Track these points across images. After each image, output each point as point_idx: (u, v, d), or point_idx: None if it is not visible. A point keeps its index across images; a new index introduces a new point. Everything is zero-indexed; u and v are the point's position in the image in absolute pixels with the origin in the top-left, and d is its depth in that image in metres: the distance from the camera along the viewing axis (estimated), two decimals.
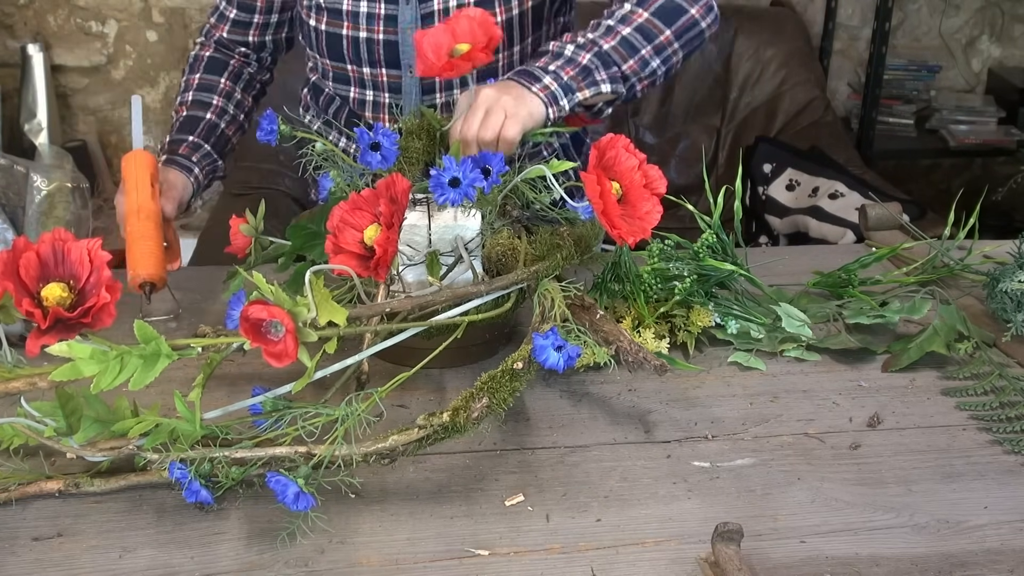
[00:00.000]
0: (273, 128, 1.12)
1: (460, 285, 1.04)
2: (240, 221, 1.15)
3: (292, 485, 0.83)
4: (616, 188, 0.99)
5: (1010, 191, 2.62)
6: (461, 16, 1.11)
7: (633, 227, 0.98)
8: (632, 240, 0.97)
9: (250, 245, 1.15)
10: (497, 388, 0.93)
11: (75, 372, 0.82)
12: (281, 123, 1.13)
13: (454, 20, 1.11)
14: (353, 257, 0.94)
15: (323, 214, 1.10)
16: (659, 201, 1.00)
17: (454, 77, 1.11)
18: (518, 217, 1.14)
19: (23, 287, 0.83)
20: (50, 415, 0.90)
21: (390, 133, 1.05)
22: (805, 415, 1.06)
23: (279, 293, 0.84)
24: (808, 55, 3.15)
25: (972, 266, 1.33)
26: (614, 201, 0.97)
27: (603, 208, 0.95)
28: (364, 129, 1.06)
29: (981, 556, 0.86)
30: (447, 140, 1.17)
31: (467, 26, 1.11)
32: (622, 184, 0.99)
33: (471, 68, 1.10)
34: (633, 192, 0.99)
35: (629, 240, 0.97)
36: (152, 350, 0.84)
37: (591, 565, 0.84)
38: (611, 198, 0.96)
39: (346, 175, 1.13)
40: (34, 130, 2.89)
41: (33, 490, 0.91)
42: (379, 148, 1.05)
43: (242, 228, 1.14)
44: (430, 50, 1.10)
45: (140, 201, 1.22)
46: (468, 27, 1.11)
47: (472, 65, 1.10)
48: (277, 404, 0.92)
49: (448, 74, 1.10)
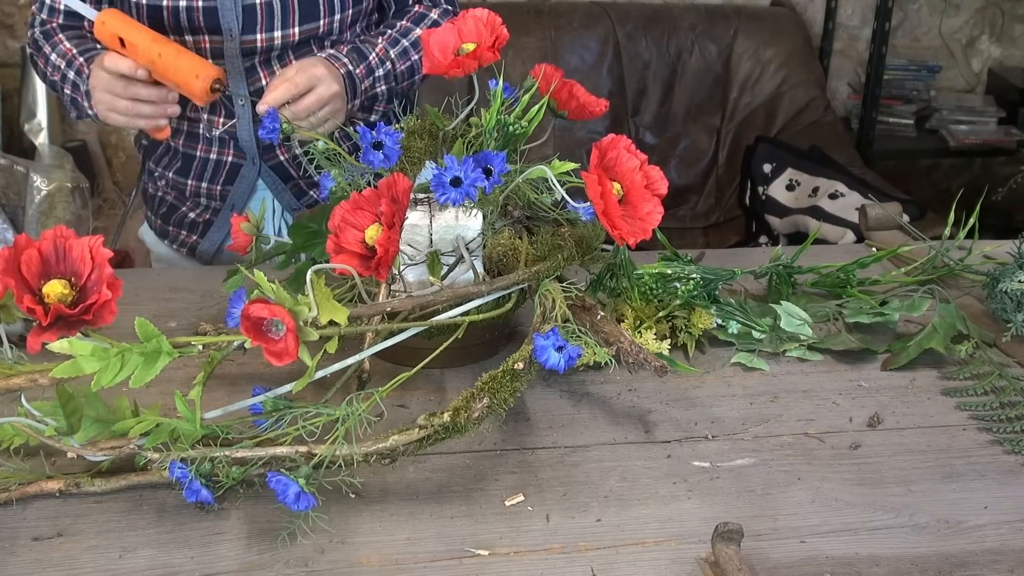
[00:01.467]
0: (276, 126, 1.12)
1: (461, 285, 1.04)
2: (241, 220, 1.15)
3: (293, 485, 0.83)
4: (617, 189, 0.99)
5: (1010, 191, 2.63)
6: (468, 16, 1.12)
7: (634, 227, 0.98)
8: (633, 240, 0.97)
9: (251, 244, 1.15)
10: (498, 388, 0.93)
11: (76, 369, 0.82)
12: (284, 122, 1.13)
13: (460, 20, 1.12)
14: (354, 256, 0.94)
15: (324, 213, 1.10)
16: (660, 202, 1.00)
17: (461, 75, 1.12)
18: (519, 217, 1.14)
19: (24, 284, 0.83)
20: (51, 414, 0.90)
21: (393, 132, 1.05)
22: (805, 415, 1.06)
23: (280, 292, 0.84)
24: (808, 55, 3.15)
25: (972, 266, 1.33)
26: (615, 201, 0.97)
27: (604, 208, 0.95)
28: (366, 128, 1.06)
29: (981, 556, 0.86)
30: (448, 140, 1.17)
31: (473, 25, 1.12)
32: (623, 185, 0.99)
33: (478, 67, 1.11)
34: (634, 193, 0.99)
35: (630, 240, 0.97)
36: (153, 348, 0.84)
37: (591, 565, 0.84)
38: (612, 199, 0.97)
39: (348, 174, 1.13)
40: (34, 130, 2.89)
41: (33, 490, 0.90)
42: (381, 147, 1.05)
43: (243, 227, 1.14)
44: (436, 48, 1.11)
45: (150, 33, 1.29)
46: (474, 26, 1.12)
47: (479, 64, 1.11)
48: (278, 404, 0.93)
49: (455, 72, 1.11)
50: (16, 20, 2.97)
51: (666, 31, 3.05)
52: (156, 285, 1.33)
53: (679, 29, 3.06)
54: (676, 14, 3.08)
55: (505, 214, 1.13)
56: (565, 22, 3.03)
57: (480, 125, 1.13)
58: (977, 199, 1.35)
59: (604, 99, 1.20)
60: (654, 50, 3.05)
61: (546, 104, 1.13)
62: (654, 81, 3.06)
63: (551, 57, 2.97)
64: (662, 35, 3.05)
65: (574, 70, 2.95)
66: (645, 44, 3.04)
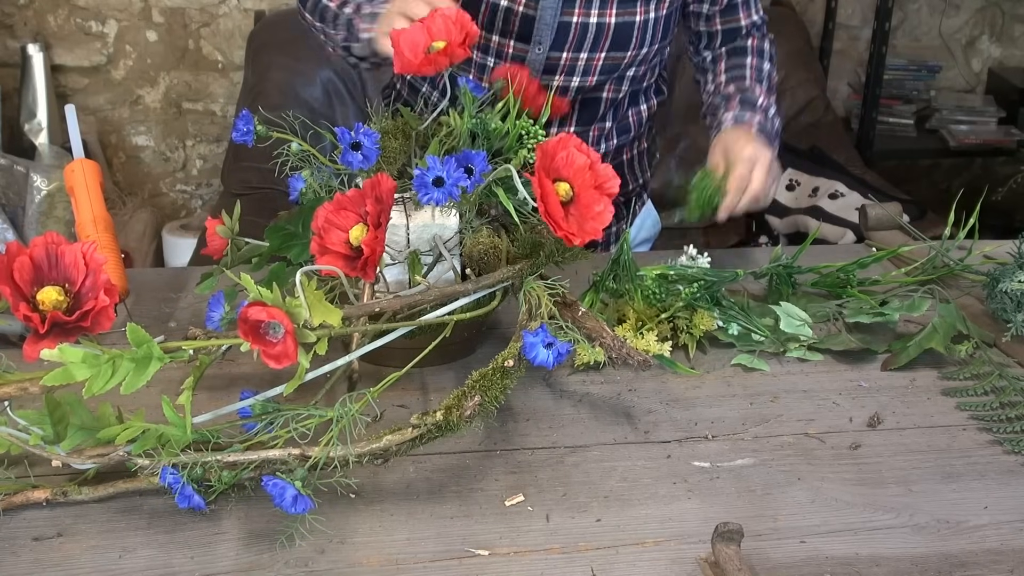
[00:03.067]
0: (249, 128, 1.10)
1: (442, 284, 1.04)
2: (216, 222, 1.13)
3: (290, 488, 0.83)
4: (566, 189, 0.98)
5: (1010, 191, 2.62)
6: (436, 14, 1.13)
7: (583, 228, 0.97)
8: (580, 241, 0.97)
9: (226, 247, 1.13)
10: (488, 386, 0.93)
11: (67, 376, 0.81)
12: (257, 123, 1.12)
13: (429, 18, 1.12)
14: (339, 257, 0.93)
15: (299, 215, 1.10)
16: (611, 201, 0.99)
17: (431, 73, 1.12)
18: (496, 216, 1.14)
19: (18, 291, 0.83)
20: (37, 423, 0.88)
21: (371, 132, 1.05)
22: (805, 415, 1.06)
23: (276, 294, 0.84)
24: (808, 55, 3.15)
25: (972, 266, 1.33)
26: (557, 202, 0.96)
27: (545, 209, 0.95)
28: (344, 129, 1.05)
29: (981, 556, 0.86)
30: (423, 139, 1.17)
31: (443, 24, 1.12)
32: (573, 184, 0.98)
33: (449, 64, 1.11)
34: (584, 193, 0.99)
35: (577, 241, 0.96)
36: (144, 353, 0.83)
37: (591, 565, 0.84)
38: (554, 199, 0.96)
39: (320, 176, 1.12)
40: (34, 130, 2.89)
41: (20, 500, 0.89)
42: (360, 148, 1.04)
43: (218, 230, 1.12)
44: (407, 47, 1.12)
45: (96, 211, 1.22)
46: (444, 24, 1.12)
47: (450, 61, 1.11)
48: (267, 407, 0.92)
49: (427, 70, 1.11)
50: (16, 20, 2.97)
51: None
52: (156, 285, 1.33)
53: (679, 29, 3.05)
54: None
55: (482, 213, 1.13)
56: None
57: (450, 124, 1.13)
58: (977, 199, 1.35)
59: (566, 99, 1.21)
60: None
61: (517, 109, 1.13)
62: None
63: None
64: None
65: None
66: None
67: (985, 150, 3.29)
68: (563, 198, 0.97)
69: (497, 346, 1.07)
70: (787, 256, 1.27)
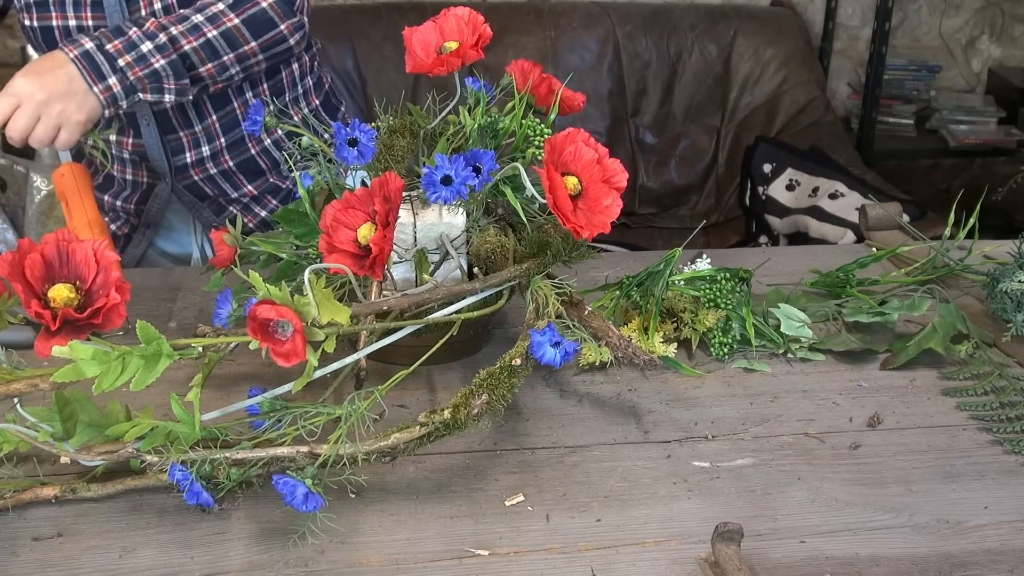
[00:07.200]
0: (258, 119, 1.11)
1: (449, 283, 1.04)
2: (223, 231, 1.13)
3: (300, 486, 0.83)
4: (575, 183, 0.98)
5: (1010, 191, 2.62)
6: (450, 14, 1.12)
7: (592, 221, 0.97)
8: (589, 234, 0.97)
9: (234, 256, 1.13)
10: (496, 384, 0.93)
11: (77, 373, 0.82)
12: (267, 115, 1.12)
13: (442, 18, 1.12)
14: (347, 256, 0.94)
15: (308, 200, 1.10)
16: (619, 195, 0.99)
17: (444, 74, 1.12)
18: (503, 215, 1.14)
19: (30, 288, 0.83)
20: (47, 420, 0.89)
21: (368, 129, 1.05)
22: (805, 415, 1.06)
23: (285, 293, 0.84)
24: (808, 55, 3.15)
25: (972, 266, 1.33)
26: (566, 195, 0.96)
27: (554, 202, 0.95)
28: (341, 124, 1.05)
29: (981, 556, 0.86)
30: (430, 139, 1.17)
31: (455, 24, 1.12)
32: (581, 179, 0.99)
33: (461, 65, 1.11)
34: (592, 186, 0.99)
35: (586, 234, 0.97)
36: (153, 350, 0.84)
37: (591, 565, 0.84)
38: (563, 192, 0.96)
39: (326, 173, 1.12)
40: None
41: (29, 497, 0.89)
42: (356, 144, 1.05)
43: (225, 238, 1.12)
44: (419, 47, 1.11)
45: (89, 215, 1.22)
46: (456, 25, 1.12)
47: (463, 62, 1.11)
48: (275, 404, 0.92)
49: (439, 71, 1.11)
50: (15, 21, 2.96)
51: (666, 31, 3.05)
52: (156, 285, 1.33)
53: (679, 29, 3.06)
54: (676, 14, 3.08)
55: (488, 211, 1.13)
56: (565, 22, 3.03)
57: (458, 123, 1.13)
58: (977, 199, 1.35)
59: (581, 93, 1.20)
60: (654, 50, 3.05)
61: (525, 101, 1.13)
62: (654, 81, 3.06)
63: (551, 57, 2.97)
64: (662, 35, 3.05)
65: (574, 70, 2.95)
66: (645, 44, 3.04)
67: (985, 150, 3.29)
68: (571, 192, 0.97)
69: (503, 345, 1.07)
70: None
